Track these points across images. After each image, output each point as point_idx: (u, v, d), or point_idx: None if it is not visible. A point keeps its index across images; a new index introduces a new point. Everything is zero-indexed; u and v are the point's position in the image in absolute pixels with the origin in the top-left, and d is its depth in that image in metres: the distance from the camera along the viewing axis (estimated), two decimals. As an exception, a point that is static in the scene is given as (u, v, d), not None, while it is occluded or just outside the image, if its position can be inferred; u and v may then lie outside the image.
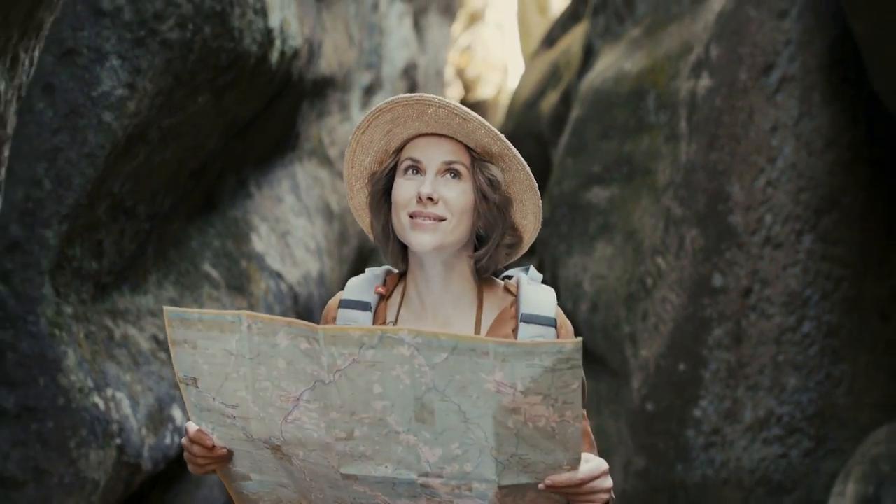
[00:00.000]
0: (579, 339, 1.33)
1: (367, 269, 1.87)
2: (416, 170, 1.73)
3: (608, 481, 1.50)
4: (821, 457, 4.21)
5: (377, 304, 1.80)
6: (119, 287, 3.48)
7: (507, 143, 1.71)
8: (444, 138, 1.73)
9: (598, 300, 4.98)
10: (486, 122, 1.69)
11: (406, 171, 1.73)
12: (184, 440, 1.59)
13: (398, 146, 1.76)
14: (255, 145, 4.52)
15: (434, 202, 1.68)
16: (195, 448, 1.56)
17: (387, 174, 1.76)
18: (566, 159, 5.54)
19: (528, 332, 1.72)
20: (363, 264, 5.86)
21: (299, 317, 4.78)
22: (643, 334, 4.58)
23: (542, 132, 7.15)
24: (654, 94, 4.99)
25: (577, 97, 5.74)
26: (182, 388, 1.50)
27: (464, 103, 14.22)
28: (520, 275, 1.83)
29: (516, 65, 14.62)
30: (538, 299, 1.76)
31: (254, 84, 3.79)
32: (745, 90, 4.24)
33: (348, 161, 1.81)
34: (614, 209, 5.08)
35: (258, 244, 4.54)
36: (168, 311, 1.45)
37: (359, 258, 6.27)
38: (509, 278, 1.86)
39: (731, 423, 4.27)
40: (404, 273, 1.83)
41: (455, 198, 1.69)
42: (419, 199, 1.68)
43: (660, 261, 4.55)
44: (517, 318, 1.75)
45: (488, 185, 1.71)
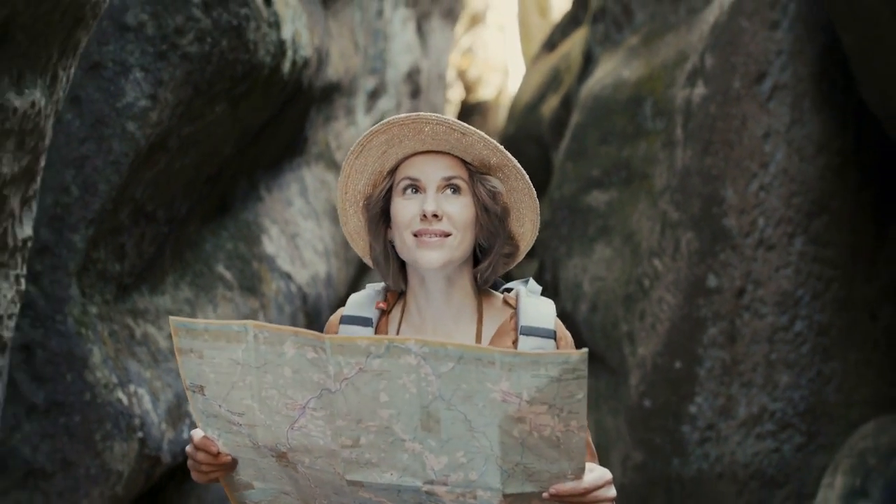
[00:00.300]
0: (585, 350, 1.33)
1: (368, 284, 1.87)
2: (415, 188, 1.71)
3: (612, 491, 1.49)
4: (812, 451, 4.26)
5: (378, 320, 1.79)
6: (139, 288, 3.61)
7: (507, 154, 1.70)
8: (440, 154, 1.71)
9: (597, 300, 5.05)
10: (484, 135, 1.68)
11: (405, 190, 1.71)
12: (188, 448, 1.58)
13: (392, 167, 1.74)
14: (265, 150, 4.65)
15: (438, 219, 1.67)
16: (200, 455, 1.55)
17: (384, 196, 1.74)
18: (566, 163, 5.61)
19: (527, 345, 1.70)
20: (368, 265, 5.94)
21: (308, 316, 4.92)
22: (641, 333, 4.64)
23: (543, 135, 7.21)
24: (651, 101, 5.07)
25: (578, 103, 5.81)
26: (189, 395, 1.50)
27: (464, 104, 14.09)
28: (519, 287, 1.81)
29: (517, 66, 14.53)
30: (537, 312, 1.75)
31: (267, 93, 3.92)
32: (738, 98, 4.30)
33: (342, 187, 1.78)
34: (613, 212, 5.14)
35: (269, 246, 4.66)
36: (174, 321, 1.45)
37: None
38: (509, 291, 1.84)
39: (726, 418, 4.32)
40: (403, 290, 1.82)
41: (458, 212, 1.69)
42: (423, 217, 1.67)
43: (657, 262, 4.62)
44: (517, 330, 1.73)
45: (489, 197, 1.71)
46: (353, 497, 1.50)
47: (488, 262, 1.74)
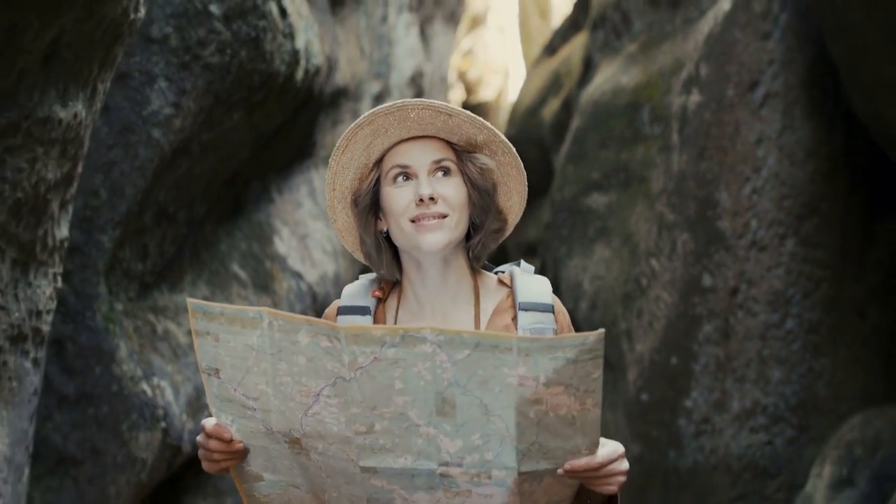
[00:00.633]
0: (602, 331, 1.32)
1: (361, 276, 1.85)
2: (405, 176, 1.69)
3: (624, 464, 1.49)
4: (803, 444, 4.34)
5: (375, 308, 1.77)
6: (159, 286, 3.76)
7: (493, 130, 1.69)
8: (426, 139, 1.70)
9: (596, 299, 5.15)
10: (471, 114, 1.67)
11: (395, 178, 1.69)
12: (199, 437, 1.54)
13: (378, 158, 1.72)
14: (277, 154, 4.79)
15: (434, 202, 1.66)
16: (212, 443, 1.51)
17: (372, 188, 1.72)
18: (567, 167, 5.70)
19: (527, 320, 1.70)
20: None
21: (318, 314, 5.04)
22: (638, 330, 4.74)
23: (544, 138, 7.28)
24: (648, 107, 5.16)
25: (578, 108, 5.89)
26: (204, 378, 1.48)
27: (465, 105, 14.10)
28: (512, 268, 1.80)
29: (517, 68, 14.47)
30: (534, 288, 1.74)
31: (281, 100, 4.06)
32: (731, 105, 4.41)
33: (329, 184, 1.75)
34: (612, 214, 5.24)
35: (280, 246, 4.79)
36: (192, 303, 1.44)
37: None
38: (501, 273, 1.83)
39: (720, 412, 4.41)
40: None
41: (453, 193, 1.68)
42: (420, 202, 1.65)
43: (654, 262, 4.72)
44: (515, 307, 1.72)
45: (479, 175, 1.70)
46: (365, 486, 1.49)
47: (479, 238, 1.73)
